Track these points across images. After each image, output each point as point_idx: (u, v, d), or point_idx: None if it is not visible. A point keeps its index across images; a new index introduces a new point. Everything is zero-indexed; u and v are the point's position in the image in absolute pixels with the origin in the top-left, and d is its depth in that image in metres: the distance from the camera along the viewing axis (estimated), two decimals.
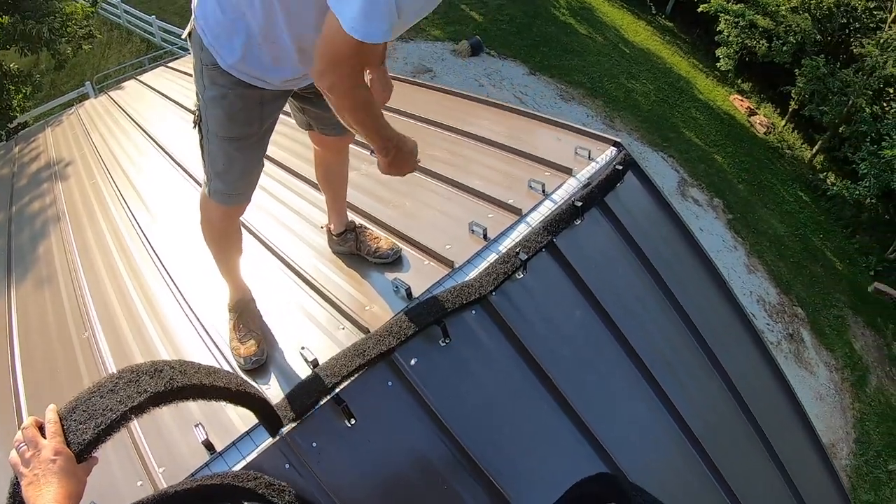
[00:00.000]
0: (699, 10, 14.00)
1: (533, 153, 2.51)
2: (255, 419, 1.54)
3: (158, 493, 1.28)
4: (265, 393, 1.62)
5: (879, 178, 10.80)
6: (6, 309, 2.62)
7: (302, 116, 1.86)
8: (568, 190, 2.30)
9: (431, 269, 2.03)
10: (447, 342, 1.77)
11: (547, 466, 1.86)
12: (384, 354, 1.65)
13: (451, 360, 1.77)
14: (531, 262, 2.00)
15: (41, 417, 1.04)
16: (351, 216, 2.18)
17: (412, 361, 1.70)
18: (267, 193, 2.63)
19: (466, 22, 13.52)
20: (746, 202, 11.55)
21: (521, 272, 1.98)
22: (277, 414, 1.50)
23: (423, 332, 1.74)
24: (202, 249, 1.92)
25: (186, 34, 1.50)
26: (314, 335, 1.86)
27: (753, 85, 15.01)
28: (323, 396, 1.57)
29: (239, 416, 1.61)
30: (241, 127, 1.55)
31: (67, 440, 1.00)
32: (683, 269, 2.55)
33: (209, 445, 1.50)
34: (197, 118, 1.59)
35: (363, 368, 1.63)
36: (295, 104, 1.82)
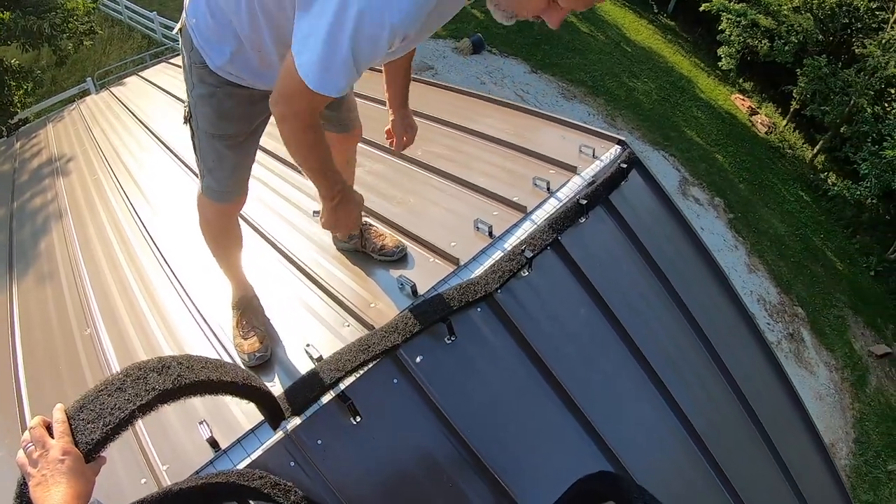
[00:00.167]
0: (701, 9, 13.99)
1: (537, 151, 2.51)
2: (260, 416, 1.54)
3: (163, 490, 1.27)
4: (271, 391, 1.61)
5: (880, 178, 10.81)
6: (8, 305, 2.61)
7: None
8: (573, 188, 2.30)
9: (436, 266, 2.03)
10: (453, 340, 1.76)
11: (552, 464, 1.86)
12: (389, 351, 1.64)
13: (456, 357, 1.77)
14: (536, 259, 1.99)
15: (45, 415, 1.03)
16: None
17: (418, 359, 1.69)
18: (270, 189, 2.62)
19: (468, 19, 13.50)
20: (747, 202, 11.55)
21: (526, 270, 1.97)
22: (281, 408, 1.49)
23: (428, 329, 1.73)
24: (205, 245, 1.92)
25: (178, 30, 1.49)
26: (319, 332, 1.85)
27: (755, 84, 15.01)
28: (326, 391, 1.56)
29: (244, 413, 1.60)
30: (230, 125, 1.53)
31: (76, 440, 0.99)
32: (687, 267, 2.55)
33: (214, 443, 1.49)
34: (187, 114, 1.58)
35: (367, 364, 1.62)
36: None
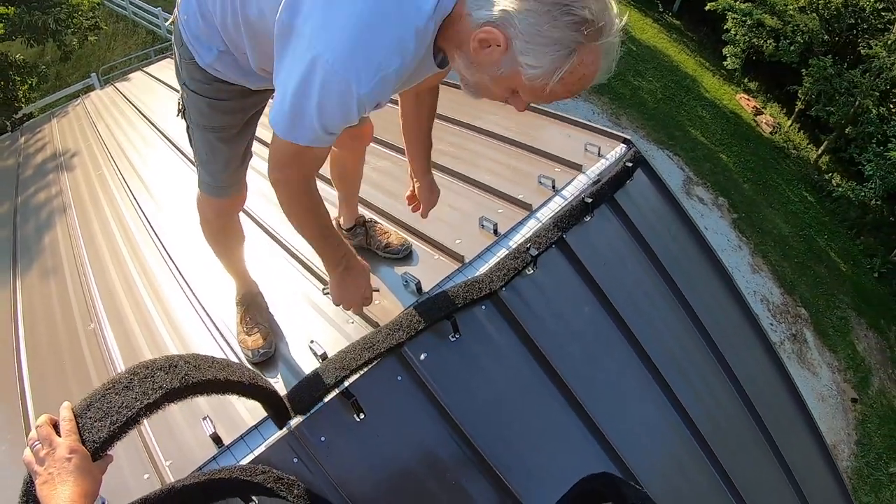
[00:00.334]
0: (706, 8, 13.95)
1: (543, 149, 2.50)
2: (263, 413, 1.54)
3: (166, 487, 1.27)
4: (275, 387, 1.61)
5: (885, 179, 10.77)
6: (12, 300, 2.61)
7: None
8: (578, 186, 2.29)
9: (441, 263, 2.02)
10: (457, 337, 1.76)
11: (555, 463, 1.86)
12: (394, 348, 1.63)
13: (461, 355, 1.76)
14: (541, 258, 1.99)
15: (48, 411, 1.02)
16: (361, 210, 2.16)
17: (422, 356, 1.69)
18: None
19: None
20: (751, 202, 11.51)
21: (531, 268, 1.96)
22: (287, 407, 1.49)
23: (433, 326, 1.73)
24: None
25: (170, 23, 1.47)
26: (323, 329, 1.85)
27: (760, 84, 14.96)
28: (332, 390, 1.56)
29: (247, 409, 1.60)
30: (222, 117, 1.51)
31: (83, 438, 0.99)
32: (692, 267, 2.54)
33: (217, 439, 1.49)
34: (180, 107, 1.57)
35: (372, 362, 1.62)
36: None
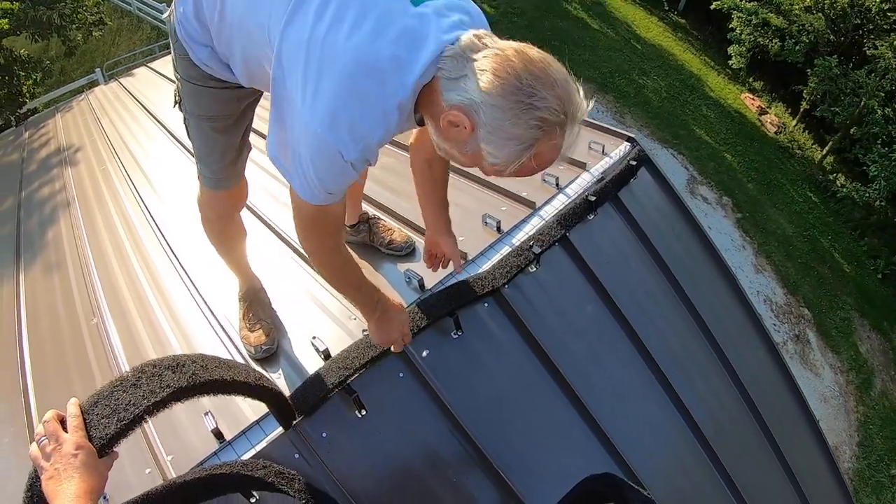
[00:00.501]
0: (712, 7, 13.88)
1: None
2: (265, 408, 1.54)
3: (167, 482, 1.27)
4: (277, 384, 1.61)
5: (890, 180, 10.71)
6: (15, 294, 2.62)
7: None
8: (581, 184, 2.29)
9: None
10: (459, 334, 1.75)
11: (556, 462, 1.85)
12: None
13: (463, 352, 1.76)
14: (544, 255, 1.98)
15: (50, 405, 1.02)
16: (364, 207, 2.16)
17: (424, 353, 1.69)
18: (277, 180, 2.61)
19: None
20: (755, 201, 11.47)
21: (534, 266, 1.96)
22: (292, 408, 1.49)
23: (435, 323, 1.73)
24: None
25: (167, 16, 1.45)
26: (325, 325, 1.85)
27: (765, 84, 14.88)
28: (335, 390, 1.56)
29: (249, 405, 1.60)
30: (217, 105, 1.49)
31: (89, 434, 0.99)
32: (695, 266, 2.53)
33: (219, 434, 1.49)
34: (177, 98, 1.56)
35: (376, 360, 1.62)
36: None
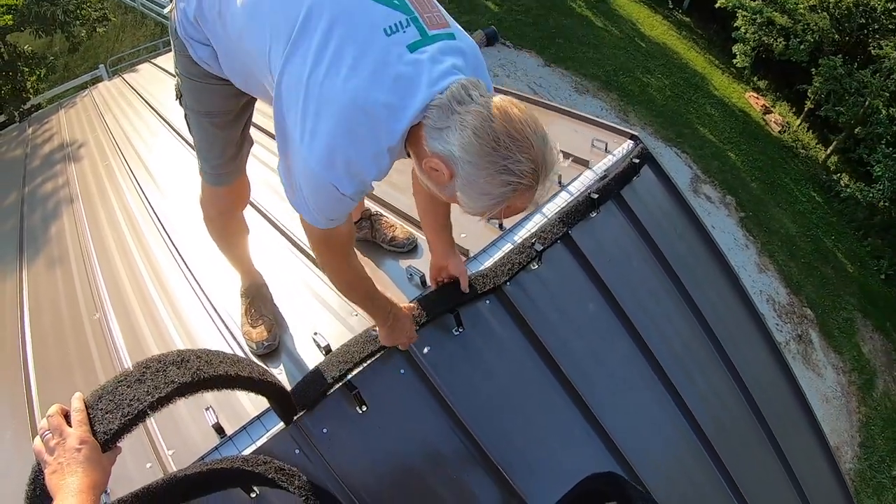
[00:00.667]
0: (716, 5, 13.82)
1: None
2: (266, 403, 1.54)
3: (168, 476, 1.28)
4: (279, 379, 1.61)
5: (894, 181, 10.67)
6: (18, 290, 2.63)
7: None
8: (584, 182, 2.28)
9: None
10: (461, 331, 1.75)
11: (557, 460, 1.85)
12: None
13: (464, 349, 1.76)
14: (546, 253, 1.98)
15: (53, 399, 1.02)
16: (367, 203, 2.16)
17: (425, 350, 1.69)
18: (278, 174, 2.59)
19: (482, 12, 13.43)
20: (759, 201, 11.44)
21: (536, 263, 1.96)
22: (293, 403, 1.49)
23: (435, 320, 1.73)
24: None
25: (168, 11, 1.44)
26: (327, 321, 1.85)
27: (769, 83, 14.83)
28: (336, 384, 1.56)
29: (250, 400, 1.60)
30: (218, 102, 1.50)
31: (93, 429, 0.99)
32: (698, 265, 2.52)
33: (219, 429, 1.49)
34: (178, 93, 1.56)
35: (375, 355, 1.62)
36: None
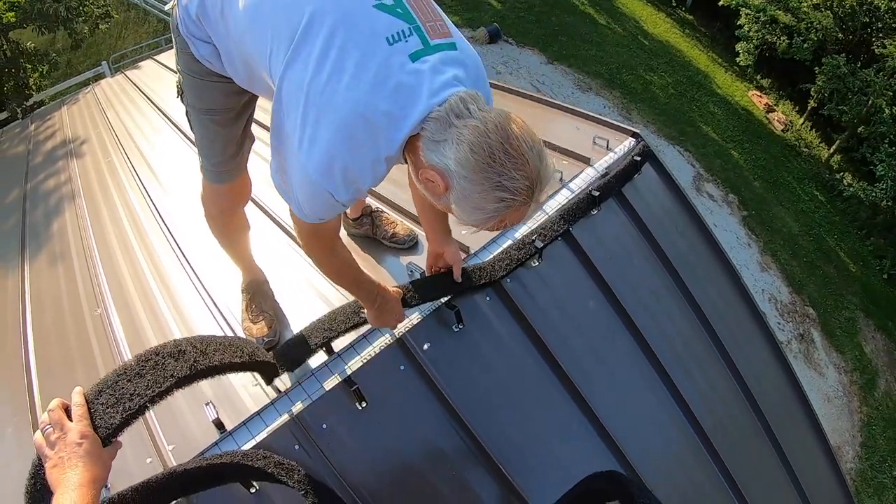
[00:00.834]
0: (720, 3, 13.79)
1: (551, 141, 2.48)
2: (266, 399, 1.55)
3: (168, 471, 1.28)
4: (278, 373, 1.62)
5: None
6: (20, 285, 2.63)
7: None
8: (585, 179, 2.28)
9: None
10: (461, 328, 1.75)
11: (557, 457, 1.85)
12: None
13: (464, 346, 1.76)
14: (547, 251, 1.98)
15: (54, 395, 1.03)
16: (367, 200, 2.16)
17: (425, 346, 1.69)
18: None
19: (485, 9, 13.42)
20: (762, 199, 11.42)
21: (536, 260, 1.96)
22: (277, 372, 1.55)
23: (436, 315, 1.73)
24: None
25: (170, 7, 1.44)
26: None
27: (773, 81, 14.80)
28: (316, 350, 1.59)
29: (250, 396, 1.61)
30: (220, 99, 1.50)
31: (94, 424, 1.00)
32: (699, 263, 2.52)
33: (219, 424, 1.50)
34: (179, 89, 1.56)
35: (360, 326, 1.64)
36: None
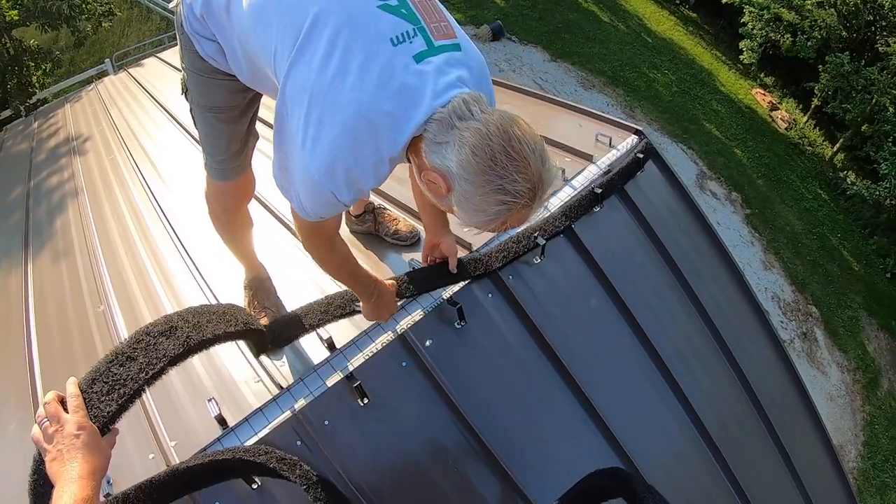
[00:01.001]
0: (723, 1, 13.78)
1: (553, 138, 2.48)
2: (268, 395, 1.55)
3: (170, 469, 1.28)
4: (281, 371, 1.62)
5: None
6: (23, 281, 2.64)
7: None
8: (588, 176, 2.27)
9: None
10: (463, 324, 1.75)
11: (559, 454, 1.85)
12: None
13: (466, 342, 1.76)
14: (549, 248, 1.98)
15: (57, 389, 1.02)
16: (370, 196, 2.16)
17: (427, 342, 1.69)
18: None
19: (488, 6, 13.41)
20: (765, 198, 11.40)
21: (539, 257, 1.96)
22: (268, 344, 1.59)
23: (437, 311, 1.74)
24: None
25: (174, 5, 1.44)
26: None
27: (776, 79, 14.76)
28: (310, 331, 1.63)
29: (252, 392, 1.61)
30: (224, 97, 1.50)
31: (91, 413, 1.00)
32: (702, 261, 2.51)
33: (222, 420, 1.50)
34: (183, 87, 1.57)
35: (355, 313, 1.67)
36: None
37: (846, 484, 2.97)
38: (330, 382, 1.58)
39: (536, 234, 1.95)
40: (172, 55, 5.60)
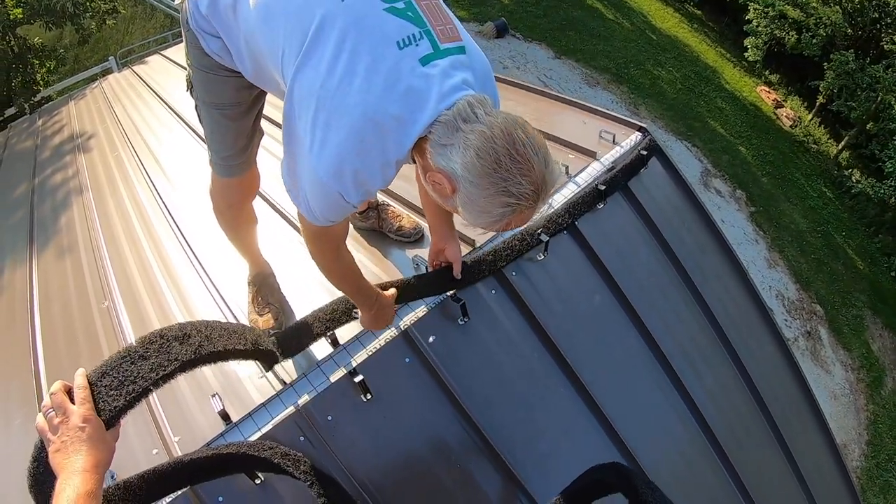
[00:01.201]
0: None
1: (557, 135, 2.47)
2: (271, 390, 1.55)
3: (174, 460, 1.29)
4: (284, 366, 1.63)
5: None
6: (28, 278, 2.65)
7: None
8: (592, 173, 2.27)
9: None
10: (466, 321, 1.76)
11: (561, 450, 1.85)
12: None
13: (470, 339, 1.76)
14: (552, 244, 1.98)
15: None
16: None
17: (430, 339, 1.69)
18: None
19: (492, 3, 13.39)
20: (769, 195, 11.36)
21: (542, 254, 1.96)
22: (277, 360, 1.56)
23: (441, 308, 1.73)
24: None
25: (179, 3, 1.45)
26: None
27: (781, 77, 14.70)
28: (319, 338, 1.61)
29: (256, 388, 1.61)
30: (229, 94, 1.50)
31: (97, 406, 0.99)
32: (705, 259, 2.51)
33: (225, 416, 1.50)
34: (189, 84, 1.57)
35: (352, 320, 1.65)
36: None
37: (849, 483, 2.96)
38: (333, 378, 1.58)
39: (540, 230, 1.95)
40: (176, 52, 5.61)
